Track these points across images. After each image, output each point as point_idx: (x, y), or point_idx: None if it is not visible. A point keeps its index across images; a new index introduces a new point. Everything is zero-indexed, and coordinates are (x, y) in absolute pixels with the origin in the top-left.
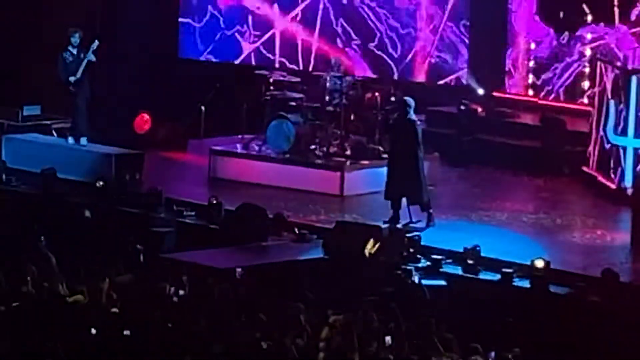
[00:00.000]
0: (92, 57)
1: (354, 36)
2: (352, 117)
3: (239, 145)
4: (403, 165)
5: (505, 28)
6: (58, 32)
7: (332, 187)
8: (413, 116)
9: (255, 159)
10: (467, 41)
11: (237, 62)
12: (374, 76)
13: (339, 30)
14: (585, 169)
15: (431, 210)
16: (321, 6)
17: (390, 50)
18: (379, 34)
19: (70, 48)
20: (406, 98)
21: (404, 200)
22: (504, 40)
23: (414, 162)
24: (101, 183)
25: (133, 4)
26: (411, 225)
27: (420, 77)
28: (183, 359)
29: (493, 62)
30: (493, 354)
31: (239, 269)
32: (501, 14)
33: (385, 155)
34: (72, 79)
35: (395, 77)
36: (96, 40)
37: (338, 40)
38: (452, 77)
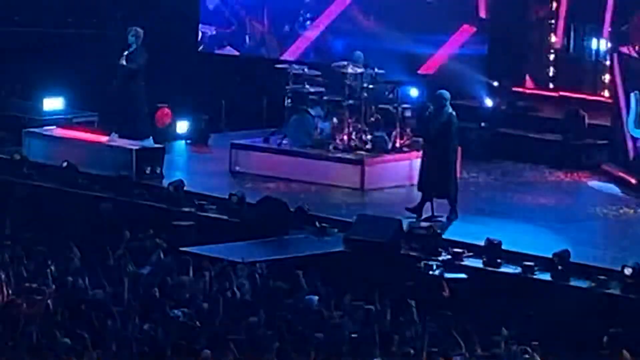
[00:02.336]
0: (124, 62)
1: None
2: (372, 111)
3: (259, 139)
4: (436, 159)
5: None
6: (81, 25)
7: (353, 180)
8: (450, 109)
9: (276, 153)
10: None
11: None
12: None
13: None
14: (605, 164)
15: (455, 204)
16: None
17: None
18: None
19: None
20: (442, 91)
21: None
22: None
23: (446, 156)
24: (122, 177)
25: None
26: (433, 218)
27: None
28: (202, 352)
29: (513, 56)
30: (515, 347)
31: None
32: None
33: (407, 149)
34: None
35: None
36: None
37: None
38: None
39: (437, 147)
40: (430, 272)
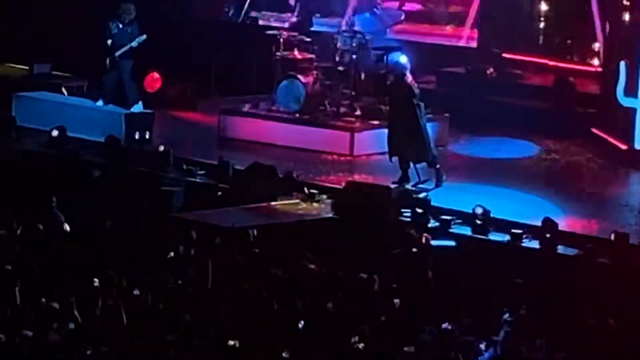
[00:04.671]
0: (135, 45)
1: None
2: (362, 77)
3: (248, 105)
4: (402, 126)
5: None
6: None
7: (342, 147)
8: (409, 78)
9: (265, 119)
10: None
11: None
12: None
13: None
14: (595, 130)
15: (439, 167)
16: None
17: None
18: None
19: (117, 21)
20: (400, 60)
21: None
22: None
23: (412, 122)
24: (111, 142)
25: None
26: (420, 185)
27: None
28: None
29: (504, 22)
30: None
31: (252, 230)
32: None
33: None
34: (117, 54)
35: None
36: (144, 35)
37: None
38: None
39: (402, 115)
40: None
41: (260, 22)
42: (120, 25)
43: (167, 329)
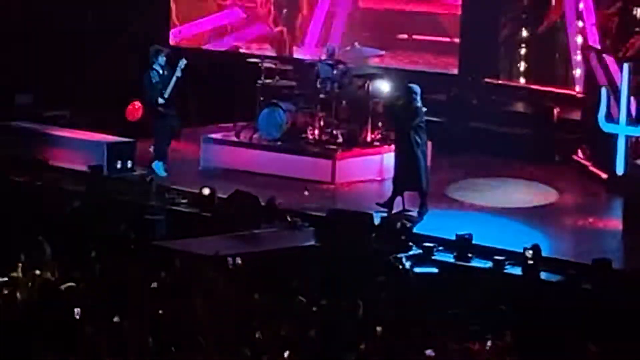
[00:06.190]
0: (179, 74)
1: None
2: (343, 105)
3: (230, 134)
4: (406, 152)
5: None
6: (54, 20)
7: (324, 174)
8: (419, 103)
9: (247, 147)
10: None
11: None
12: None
13: None
14: (576, 157)
15: (426, 198)
16: None
17: None
18: None
19: (156, 67)
20: (411, 85)
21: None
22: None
23: (415, 149)
24: (93, 171)
25: None
26: (404, 212)
27: None
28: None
29: (485, 48)
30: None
31: (230, 258)
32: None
33: (377, 143)
34: (160, 100)
35: None
36: (184, 59)
37: None
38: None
39: (406, 140)
40: (402, 267)
41: (242, 50)
42: (160, 71)
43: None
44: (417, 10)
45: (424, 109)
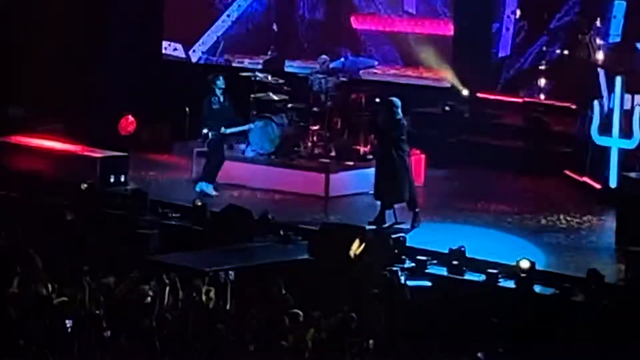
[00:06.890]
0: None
1: None
2: (336, 118)
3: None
4: (389, 165)
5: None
6: (45, 33)
7: (317, 188)
8: (400, 115)
9: (239, 161)
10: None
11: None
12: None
13: None
14: (569, 169)
15: (417, 210)
16: None
17: None
18: None
19: (217, 93)
20: (392, 98)
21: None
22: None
23: (399, 162)
24: (86, 185)
25: (119, 4)
26: (396, 226)
27: None
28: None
29: (478, 62)
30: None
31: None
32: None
33: (370, 157)
34: (225, 130)
35: None
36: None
37: None
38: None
39: (387, 153)
40: (396, 280)
41: (234, 64)
42: (221, 99)
43: None
44: (411, 32)
45: (405, 123)
